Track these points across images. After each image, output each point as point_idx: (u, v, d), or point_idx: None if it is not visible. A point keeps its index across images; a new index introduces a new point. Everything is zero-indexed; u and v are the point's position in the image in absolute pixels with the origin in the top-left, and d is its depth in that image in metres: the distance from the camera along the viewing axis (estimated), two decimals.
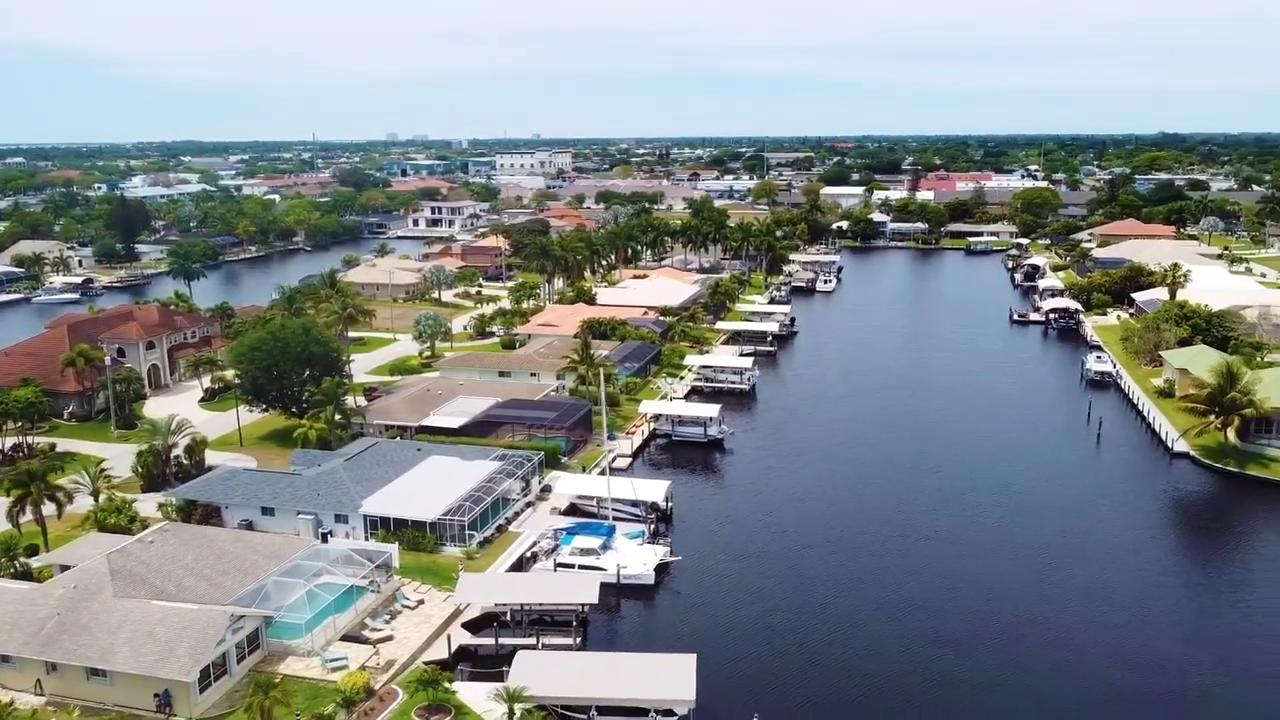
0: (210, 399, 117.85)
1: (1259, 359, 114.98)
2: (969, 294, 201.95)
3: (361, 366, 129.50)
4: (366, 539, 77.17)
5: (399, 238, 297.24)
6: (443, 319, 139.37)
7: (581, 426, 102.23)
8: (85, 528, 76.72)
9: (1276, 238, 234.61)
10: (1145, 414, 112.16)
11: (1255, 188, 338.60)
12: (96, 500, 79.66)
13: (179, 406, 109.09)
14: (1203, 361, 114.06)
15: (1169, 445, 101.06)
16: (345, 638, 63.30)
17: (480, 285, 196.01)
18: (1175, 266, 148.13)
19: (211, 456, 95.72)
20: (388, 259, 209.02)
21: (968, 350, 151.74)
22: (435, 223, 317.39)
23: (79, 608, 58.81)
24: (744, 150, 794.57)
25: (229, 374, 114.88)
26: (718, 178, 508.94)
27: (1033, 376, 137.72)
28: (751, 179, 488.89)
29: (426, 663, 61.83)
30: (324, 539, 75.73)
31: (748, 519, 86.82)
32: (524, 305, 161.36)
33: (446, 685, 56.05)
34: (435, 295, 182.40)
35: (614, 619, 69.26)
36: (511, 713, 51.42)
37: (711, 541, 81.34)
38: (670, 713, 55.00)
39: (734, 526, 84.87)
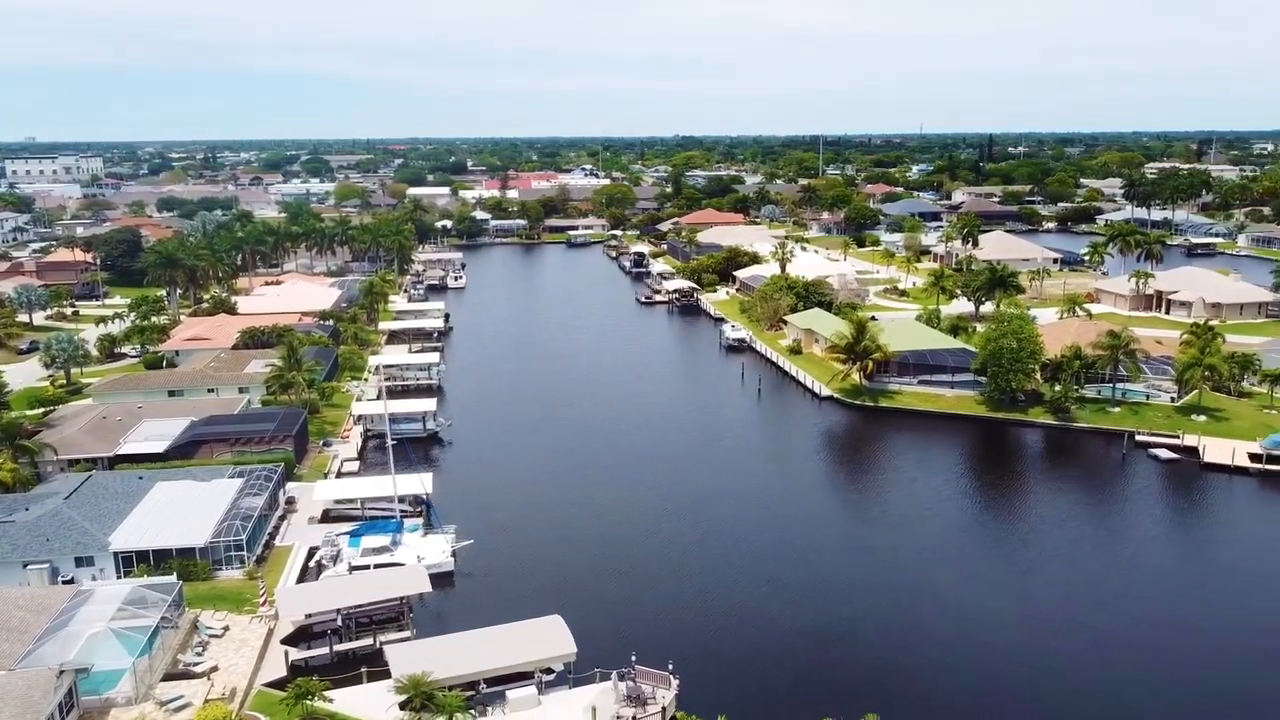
0: None
1: (856, 315, 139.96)
2: (588, 281, 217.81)
3: None
4: (119, 577, 69.43)
5: None
6: (79, 341, 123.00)
7: (301, 435, 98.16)
8: None
9: (813, 221, 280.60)
10: (786, 369, 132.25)
11: (779, 181, 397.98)
12: None
13: None
14: (821, 322, 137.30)
15: (816, 391, 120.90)
16: (168, 677, 57.82)
17: (74, 304, 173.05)
18: (783, 244, 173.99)
19: None
20: None
21: (612, 329, 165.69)
22: None
23: None
24: (295, 153, 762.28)
25: None
26: (284, 181, 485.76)
27: (679, 347, 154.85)
28: (321, 182, 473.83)
29: (267, 683, 58.83)
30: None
31: (501, 495, 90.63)
32: (153, 320, 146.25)
33: (324, 695, 54.13)
34: (26, 318, 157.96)
35: (433, 608, 69.62)
36: (420, 701, 51.52)
37: (481, 522, 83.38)
38: (549, 670, 58.38)
39: (494, 505, 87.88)
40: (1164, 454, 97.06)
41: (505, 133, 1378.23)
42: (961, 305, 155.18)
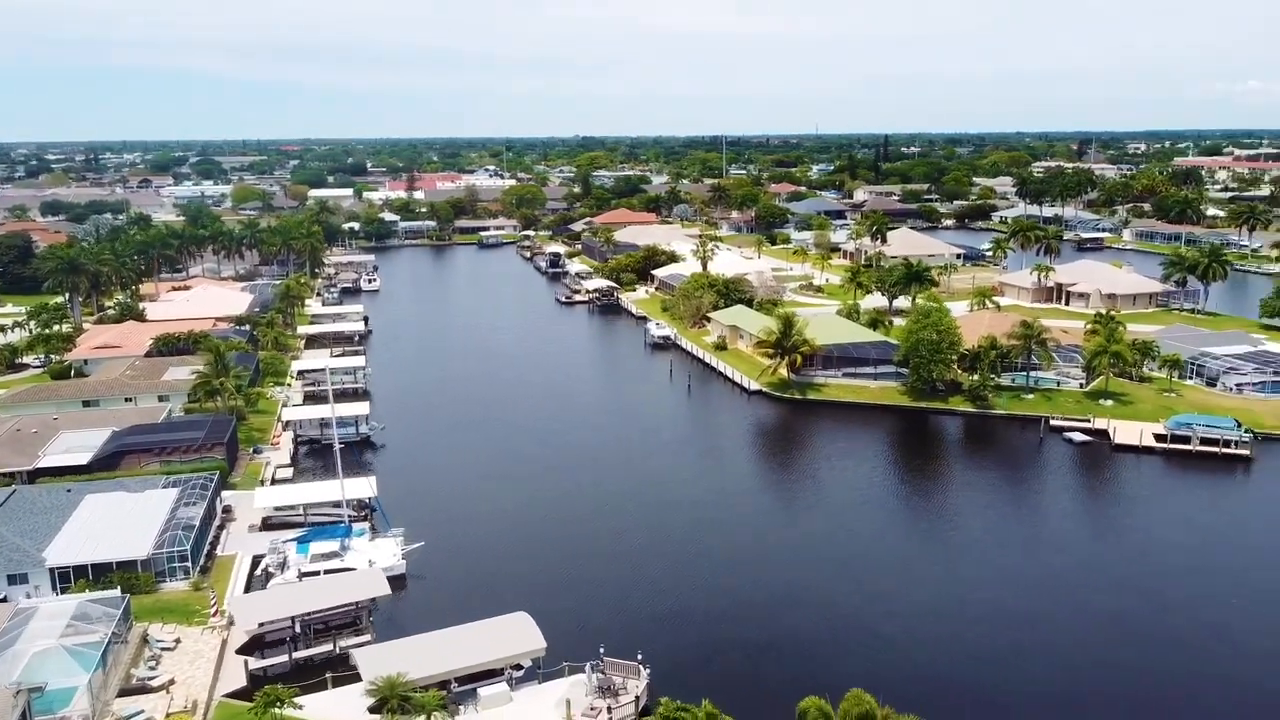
0: None
1: (780, 311, 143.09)
2: (504, 282, 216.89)
3: None
4: (56, 593, 66.91)
5: None
6: None
7: (231, 442, 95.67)
8: None
9: (723, 220, 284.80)
10: (712, 365, 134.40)
11: (685, 181, 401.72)
12: None
13: None
14: (745, 318, 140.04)
15: (745, 386, 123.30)
16: (123, 692, 56.14)
17: None
18: (704, 243, 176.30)
19: None
20: None
21: (534, 329, 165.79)
22: None
23: None
24: (183, 155, 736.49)
25: None
26: (175, 184, 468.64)
27: (604, 346, 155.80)
28: (215, 184, 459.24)
29: (228, 694, 57.71)
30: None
31: (442, 497, 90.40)
32: (56, 329, 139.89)
33: (294, 701, 53.34)
34: None
35: (387, 611, 68.96)
36: (396, 702, 51.25)
37: (426, 524, 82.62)
38: (519, 666, 58.71)
39: (436, 507, 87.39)
40: (1078, 437, 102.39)
41: (401, 133, 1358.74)
42: (874, 300, 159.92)
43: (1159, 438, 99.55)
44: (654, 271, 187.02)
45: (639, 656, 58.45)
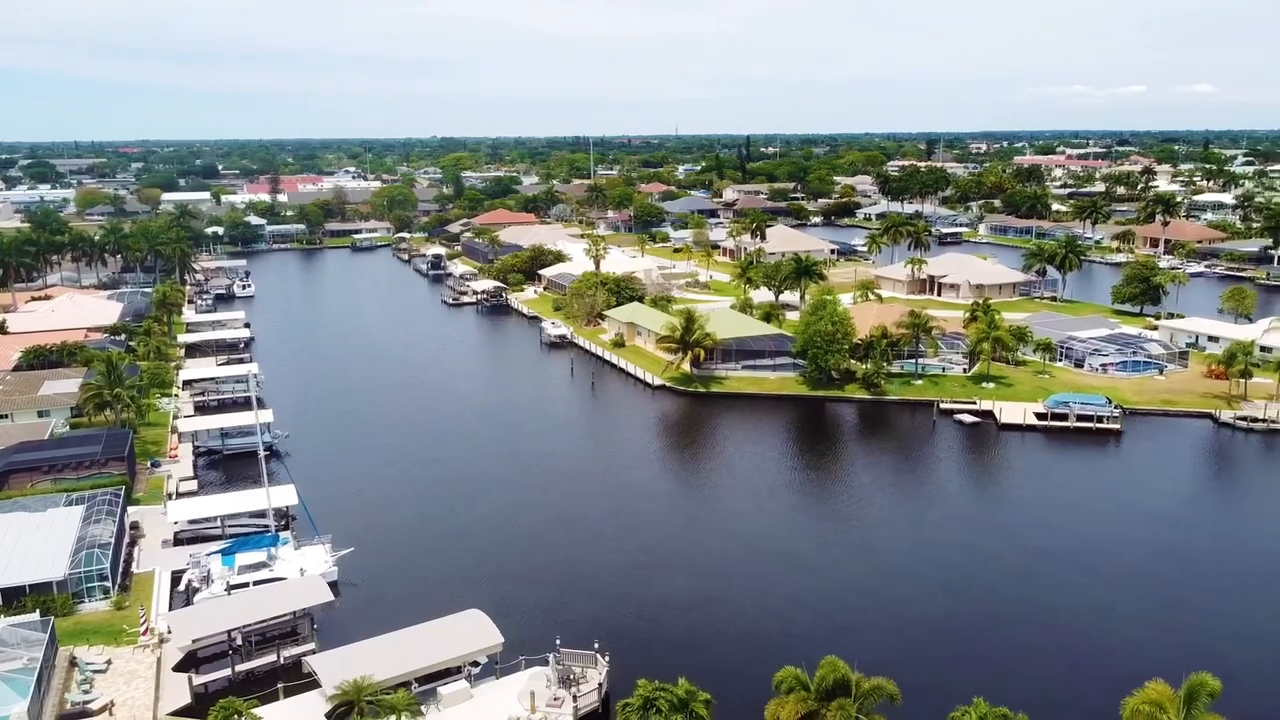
0: None
1: (674, 308, 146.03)
2: (385, 285, 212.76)
3: None
4: None
5: None
6: None
7: (130, 457, 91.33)
8: None
9: (600, 219, 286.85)
10: (612, 362, 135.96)
11: (555, 181, 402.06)
12: None
13: None
14: (642, 315, 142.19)
15: (648, 382, 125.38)
16: (62, 717, 53.53)
17: None
18: (596, 241, 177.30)
19: None
20: None
21: (425, 331, 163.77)
22: None
23: None
24: (8, 157, 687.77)
25: None
26: (7, 188, 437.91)
27: (498, 346, 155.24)
28: (53, 188, 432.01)
29: (172, 713, 55.78)
30: None
31: (360, 501, 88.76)
32: None
33: (252, 714, 51.97)
34: None
35: (327, 618, 67.65)
36: (363, 704, 50.68)
37: (351, 528, 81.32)
38: (475, 663, 58.82)
39: (356, 511, 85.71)
40: (967, 418, 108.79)
41: (249, 134, 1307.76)
42: (760, 295, 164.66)
43: (1040, 416, 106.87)
44: (542, 271, 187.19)
45: (595, 645, 59.44)
